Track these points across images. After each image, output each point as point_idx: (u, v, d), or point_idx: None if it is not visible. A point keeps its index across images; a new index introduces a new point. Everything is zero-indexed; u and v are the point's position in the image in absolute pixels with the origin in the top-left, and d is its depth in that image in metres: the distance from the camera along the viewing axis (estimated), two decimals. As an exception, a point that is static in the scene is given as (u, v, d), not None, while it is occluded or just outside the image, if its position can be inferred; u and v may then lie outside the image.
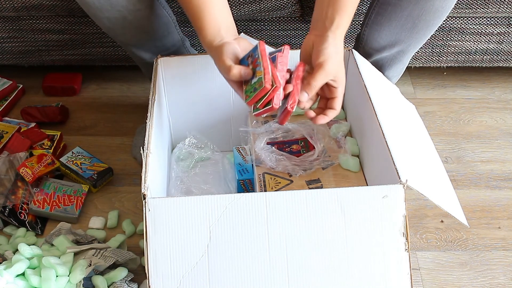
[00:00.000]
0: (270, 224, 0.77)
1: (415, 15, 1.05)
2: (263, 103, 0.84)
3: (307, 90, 0.87)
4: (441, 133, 1.35)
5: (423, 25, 1.08)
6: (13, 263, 0.95)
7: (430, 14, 1.05)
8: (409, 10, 1.05)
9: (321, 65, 0.86)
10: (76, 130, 1.37)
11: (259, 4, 1.25)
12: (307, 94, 0.87)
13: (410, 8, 1.04)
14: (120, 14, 1.05)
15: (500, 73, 1.53)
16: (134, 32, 1.10)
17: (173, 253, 0.76)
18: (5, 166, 1.14)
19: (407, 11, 1.05)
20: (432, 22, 1.08)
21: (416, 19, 1.06)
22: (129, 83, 1.52)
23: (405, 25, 1.08)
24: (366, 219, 0.78)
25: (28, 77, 1.50)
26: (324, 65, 0.86)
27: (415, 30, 1.09)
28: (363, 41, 1.18)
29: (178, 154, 1.15)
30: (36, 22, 1.34)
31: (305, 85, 0.87)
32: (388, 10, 1.08)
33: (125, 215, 1.15)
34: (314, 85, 0.86)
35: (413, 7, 1.04)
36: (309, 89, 0.87)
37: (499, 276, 1.04)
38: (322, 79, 0.86)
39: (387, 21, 1.09)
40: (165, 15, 1.12)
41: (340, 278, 0.78)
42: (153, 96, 0.95)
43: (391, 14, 1.08)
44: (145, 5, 1.05)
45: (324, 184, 0.99)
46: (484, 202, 1.18)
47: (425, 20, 1.07)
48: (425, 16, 1.05)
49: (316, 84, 0.86)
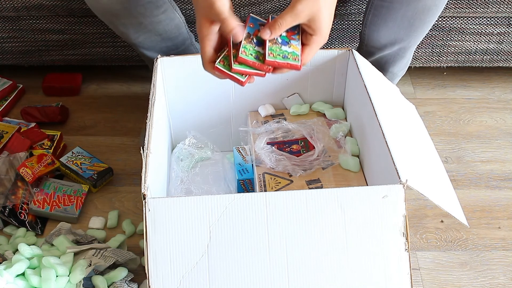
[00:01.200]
0: (270, 224, 0.77)
1: (409, 15, 1.05)
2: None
3: (270, 28, 0.80)
4: (441, 133, 1.35)
5: (419, 23, 1.08)
6: (13, 263, 0.95)
7: (424, 13, 1.05)
8: (403, 11, 1.05)
9: (292, 5, 0.78)
10: (76, 130, 1.37)
11: (259, 6, 1.25)
12: (269, 32, 0.80)
13: (404, 9, 1.04)
14: (136, 20, 1.06)
15: (500, 73, 1.53)
16: (148, 35, 1.12)
17: (173, 253, 0.76)
18: (5, 166, 1.14)
19: (400, 12, 1.05)
20: (428, 19, 1.08)
21: (411, 18, 1.06)
22: (129, 83, 1.52)
23: (401, 25, 1.08)
24: (366, 219, 0.78)
25: (28, 77, 1.50)
26: (295, 4, 0.77)
27: (413, 28, 1.09)
28: (365, 40, 1.19)
29: (178, 154, 1.15)
30: (36, 22, 1.34)
31: (271, 23, 0.80)
32: (382, 12, 1.08)
33: (125, 215, 1.15)
34: (279, 23, 0.78)
35: (406, 8, 1.04)
36: (273, 28, 0.79)
37: (499, 276, 1.04)
38: (289, 20, 0.78)
39: (383, 22, 1.10)
40: (176, 17, 1.13)
41: (340, 278, 0.78)
42: (153, 96, 0.95)
43: (386, 16, 1.08)
44: (161, 11, 1.07)
45: (324, 184, 0.99)
46: (484, 202, 1.18)
47: (420, 19, 1.06)
48: (419, 15, 1.05)
49: (282, 22, 0.78)
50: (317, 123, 1.10)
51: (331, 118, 1.13)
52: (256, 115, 1.16)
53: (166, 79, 1.08)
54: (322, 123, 1.10)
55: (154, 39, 1.14)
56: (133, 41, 1.15)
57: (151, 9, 1.06)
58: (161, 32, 1.13)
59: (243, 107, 1.16)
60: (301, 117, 1.14)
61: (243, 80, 0.82)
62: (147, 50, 1.18)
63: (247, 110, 1.17)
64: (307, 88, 1.14)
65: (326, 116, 1.13)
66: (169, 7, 1.10)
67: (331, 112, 1.13)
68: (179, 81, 1.10)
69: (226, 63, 0.83)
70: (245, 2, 1.24)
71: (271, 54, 0.81)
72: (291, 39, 0.83)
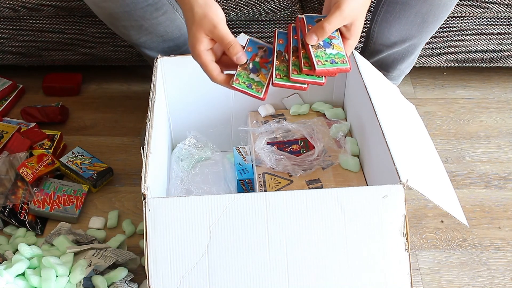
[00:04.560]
0: (270, 224, 0.77)
1: (424, 12, 1.05)
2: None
3: (317, 33, 0.76)
4: (441, 133, 1.35)
5: (432, 19, 1.07)
6: (13, 263, 0.95)
7: (438, 9, 1.05)
8: (418, 7, 1.04)
9: (338, 5, 0.74)
10: (76, 130, 1.37)
11: (259, 6, 1.25)
12: (316, 38, 0.76)
13: (419, 6, 1.04)
14: (137, 23, 1.07)
15: (500, 73, 1.53)
16: (149, 36, 1.12)
17: (173, 253, 0.76)
18: (5, 166, 1.14)
19: (415, 8, 1.04)
20: (441, 15, 1.07)
21: (425, 15, 1.05)
22: (129, 83, 1.52)
23: (414, 21, 1.07)
24: (366, 219, 0.78)
25: (28, 77, 1.50)
26: (341, 5, 0.73)
27: (425, 25, 1.08)
28: (373, 38, 1.17)
29: (178, 154, 1.15)
30: (36, 22, 1.34)
31: (317, 28, 0.76)
32: (396, 8, 1.07)
33: (125, 215, 1.15)
34: (328, 28, 0.74)
35: (422, 4, 1.03)
36: (321, 33, 0.75)
37: (499, 276, 1.04)
38: (337, 24, 0.75)
39: (396, 19, 1.08)
40: (177, 17, 1.13)
41: (340, 278, 0.78)
42: (153, 96, 0.95)
43: (400, 12, 1.07)
44: (161, 13, 1.07)
45: (324, 184, 0.99)
46: (484, 202, 1.18)
47: (434, 15, 1.06)
48: (434, 11, 1.05)
49: (330, 28, 0.74)
50: (317, 123, 1.10)
51: (331, 118, 1.13)
52: (256, 115, 1.16)
53: (166, 79, 1.08)
54: (322, 123, 1.10)
55: (155, 40, 1.14)
56: (134, 42, 1.15)
57: (151, 12, 1.06)
58: (162, 34, 1.13)
59: (243, 107, 1.16)
60: (301, 117, 1.14)
61: (261, 96, 0.82)
62: (149, 50, 1.18)
63: (247, 110, 1.17)
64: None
65: (326, 116, 1.13)
66: (169, 8, 1.10)
67: (331, 112, 1.13)
68: (179, 81, 1.10)
69: (244, 79, 0.82)
70: (245, 2, 1.24)
71: (319, 62, 0.78)
72: (332, 39, 0.79)
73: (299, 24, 0.83)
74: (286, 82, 0.81)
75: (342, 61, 0.78)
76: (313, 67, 0.78)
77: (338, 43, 0.80)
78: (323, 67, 0.78)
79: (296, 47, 0.82)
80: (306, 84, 0.80)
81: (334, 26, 0.76)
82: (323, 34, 0.76)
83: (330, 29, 0.75)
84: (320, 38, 0.77)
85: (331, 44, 0.79)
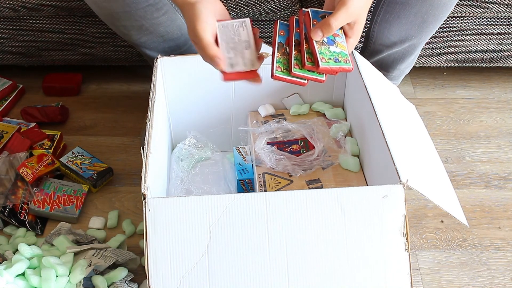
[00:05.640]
0: (270, 224, 0.77)
1: (423, 12, 1.05)
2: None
3: (323, 30, 0.76)
4: (441, 133, 1.35)
5: (432, 19, 1.07)
6: (13, 263, 0.95)
7: (438, 9, 1.05)
8: (418, 7, 1.04)
9: (344, 2, 0.74)
10: (76, 130, 1.37)
11: (259, 6, 1.25)
12: (321, 34, 0.76)
13: (419, 6, 1.04)
14: (137, 23, 1.07)
15: (500, 73, 1.53)
16: (150, 36, 1.12)
17: (173, 253, 0.76)
18: (5, 166, 1.14)
19: (415, 8, 1.04)
20: (441, 15, 1.07)
21: (425, 15, 1.05)
22: (129, 83, 1.52)
23: (414, 22, 1.07)
24: (366, 219, 0.78)
25: (28, 77, 1.50)
26: (347, 2, 0.74)
27: (425, 25, 1.08)
28: (373, 38, 1.17)
29: (178, 154, 1.15)
30: (36, 22, 1.34)
31: (322, 24, 0.76)
32: (396, 8, 1.07)
33: (125, 215, 1.15)
34: (334, 25, 0.74)
35: (421, 4, 1.03)
36: (326, 29, 0.75)
37: (499, 276, 1.04)
38: (343, 20, 0.75)
39: (396, 19, 1.09)
40: (178, 17, 1.13)
41: (340, 278, 0.78)
42: (153, 96, 0.95)
43: (399, 12, 1.07)
44: (162, 13, 1.07)
45: (324, 184, 0.99)
46: (484, 202, 1.18)
47: (433, 15, 1.06)
48: (434, 11, 1.05)
49: (336, 24, 0.75)
50: (317, 123, 1.10)
51: (331, 118, 1.13)
52: (256, 115, 1.16)
53: (166, 79, 1.08)
54: (322, 123, 1.10)
55: (156, 40, 1.14)
56: (135, 42, 1.15)
57: (151, 12, 1.06)
58: (162, 34, 1.13)
59: (243, 107, 1.16)
60: (301, 117, 1.14)
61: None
62: (149, 50, 1.18)
63: (247, 110, 1.17)
64: (307, 88, 1.14)
65: (326, 116, 1.13)
66: (170, 8, 1.10)
67: (331, 112, 1.13)
68: (179, 81, 1.10)
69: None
70: (245, 2, 1.24)
71: (323, 59, 0.77)
72: (336, 36, 0.79)
73: (302, 17, 0.82)
74: (287, 76, 0.79)
75: (345, 61, 0.78)
76: (316, 63, 0.78)
77: (341, 41, 0.79)
78: (327, 65, 0.77)
79: (298, 41, 0.81)
80: (306, 80, 0.80)
81: (340, 23, 0.76)
82: (329, 30, 0.76)
83: (336, 25, 0.75)
84: (326, 35, 0.76)
85: (335, 42, 0.79)
